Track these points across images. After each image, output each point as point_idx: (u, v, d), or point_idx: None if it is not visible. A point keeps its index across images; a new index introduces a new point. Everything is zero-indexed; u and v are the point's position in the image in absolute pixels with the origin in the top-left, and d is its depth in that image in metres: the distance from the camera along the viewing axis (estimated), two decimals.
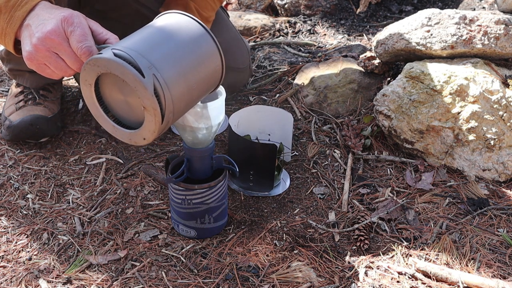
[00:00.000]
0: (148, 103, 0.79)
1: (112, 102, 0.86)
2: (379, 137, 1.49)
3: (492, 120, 1.35)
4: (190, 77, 0.85)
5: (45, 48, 0.87)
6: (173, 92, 0.82)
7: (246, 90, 1.76)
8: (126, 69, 0.77)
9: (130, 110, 0.85)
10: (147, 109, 0.79)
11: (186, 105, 0.88)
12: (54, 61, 0.88)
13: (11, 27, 0.92)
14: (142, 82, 0.77)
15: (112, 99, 0.86)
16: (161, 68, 0.80)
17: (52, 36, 0.86)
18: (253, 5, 2.46)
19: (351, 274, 1.07)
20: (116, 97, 0.85)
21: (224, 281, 1.04)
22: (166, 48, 0.84)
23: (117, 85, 0.83)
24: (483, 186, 1.32)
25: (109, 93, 0.85)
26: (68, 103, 1.68)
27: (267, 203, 1.27)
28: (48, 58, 0.88)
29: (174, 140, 1.51)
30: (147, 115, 0.81)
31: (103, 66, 0.80)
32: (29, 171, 1.37)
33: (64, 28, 0.86)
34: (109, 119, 0.87)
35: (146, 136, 0.83)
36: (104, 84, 0.85)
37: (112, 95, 0.85)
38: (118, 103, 0.86)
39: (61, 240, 1.15)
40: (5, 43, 0.96)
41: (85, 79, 0.84)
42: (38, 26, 0.88)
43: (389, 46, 1.52)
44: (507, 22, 1.43)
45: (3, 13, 0.93)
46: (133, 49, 0.80)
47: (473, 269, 1.08)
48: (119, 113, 0.87)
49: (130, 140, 0.86)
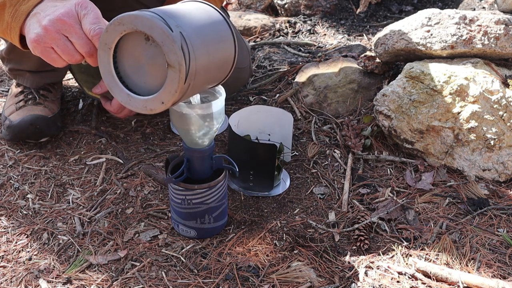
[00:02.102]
0: (173, 58, 0.77)
1: (129, 70, 0.84)
2: (379, 137, 1.49)
3: (492, 120, 1.35)
4: (211, 51, 0.84)
5: (55, 29, 0.86)
6: (197, 55, 0.80)
7: (246, 90, 1.76)
8: (154, 22, 0.76)
9: (148, 77, 0.83)
10: (172, 65, 0.78)
11: (203, 80, 0.87)
12: (62, 44, 0.87)
13: (16, 21, 0.92)
14: (170, 35, 0.76)
15: (129, 66, 0.84)
16: (187, 32, 0.79)
17: (64, 17, 0.86)
18: (253, 5, 2.46)
19: (351, 274, 1.07)
20: (134, 64, 0.83)
21: (224, 281, 1.04)
22: (191, 19, 0.83)
23: (138, 48, 0.81)
24: (483, 186, 1.32)
25: (127, 59, 0.84)
26: (68, 103, 1.68)
27: (267, 203, 1.27)
28: (56, 41, 0.87)
29: (174, 140, 1.51)
30: (170, 73, 0.79)
31: (128, 24, 0.78)
32: (29, 171, 1.37)
33: (77, 11, 0.86)
34: (124, 87, 0.85)
35: (165, 99, 0.81)
36: (123, 51, 0.83)
37: (130, 61, 0.84)
38: (135, 71, 0.84)
39: (61, 240, 1.15)
40: (11, 37, 0.96)
41: (105, 42, 0.82)
42: (50, 10, 0.87)
43: (389, 46, 1.52)
44: (507, 22, 1.43)
45: (7, 7, 0.92)
46: (159, 12, 0.79)
47: (473, 269, 1.08)
48: (135, 82, 0.85)
49: (146, 108, 0.84)
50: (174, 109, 1.00)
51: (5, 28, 0.95)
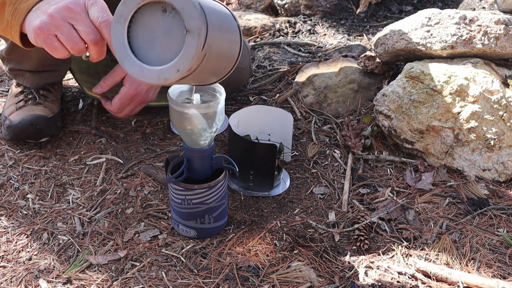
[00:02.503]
0: (193, 23, 0.77)
1: (142, 43, 0.84)
2: (379, 137, 1.49)
3: (492, 120, 1.35)
4: (223, 32, 0.85)
5: (61, 17, 0.86)
6: (213, 27, 0.80)
7: (246, 90, 1.76)
8: None
9: (162, 49, 0.83)
10: (191, 31, 0.78)
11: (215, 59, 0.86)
12: (66, 31, 0.87)
13: (16, 20, 0.92)
14: (191, 1, 0.76)
15: (143, 40, 0.84)
16: (205, 7, 0.79)
17: (71, 5, 0.86)
18: (253, 5, 2.46)
19: (351, 274, 1.07)
20: (148, 36, 0.83)
21: (224, 281, 1.04)
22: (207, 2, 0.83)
23: (153, 20, 0.81)
24: (483, 186, 1.32)
25: (141, 32, 0.84)
26: (68, 103, 1.68)
27: (267, 203, 1.27)
28: (61, 27, 0.87)
29: (174, 140, 1.51)
30: (188, 39, 0.78)
31: None
32: (29, 171, 1.37)
33: (84, 1, 0.87)
34: (136, 59, 0.84)
35: (181, 66, 0.80)
36: (137, 23, 0.83)
37: (144, 34, 0.83)
38: (149, 43, 0.84)
39: (61, 240, 1.15)
40: (11, 35, 0.96)
41: (121, 13, 0.82)
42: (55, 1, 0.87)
43: (389, 46, 1.52)
44: (507, 22, 1.43)
45: (7, 5, 0.92)
46: None
47: (473, 269, 1.08)
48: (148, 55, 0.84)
49: (159, 77, 0.82)
50: (174, 109, 1.00)
51: (6, 26, 0.95)
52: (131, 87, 1.33)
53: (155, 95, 1.40)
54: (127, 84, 1.33)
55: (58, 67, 1.52)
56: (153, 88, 1.38)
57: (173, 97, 1.01)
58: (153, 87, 1.38)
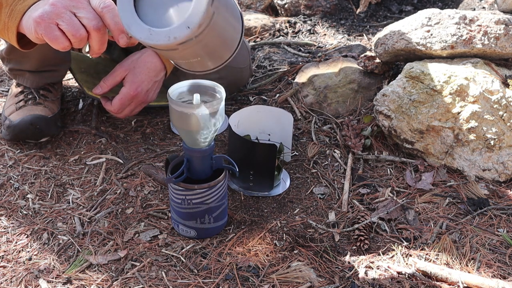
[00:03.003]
0: None
1: (148, 9, 0.83)
2: (379, 137, 1.49)
3: (492, 120, 1.35)
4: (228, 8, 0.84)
5: (62, 5, 0.86)
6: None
7: (246, 90, 1.76)
8: None
9: (169, 13, 0.82)
10: None
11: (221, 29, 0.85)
12: (68, 19, 0.87)
13: (12, 21, 0.92)
14: None
15: (149, 6, 0.83)
16: None
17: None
18: (253, 5, 2.46)
19: (351, 274, 1.07)
20: (154, 2, 0.82)
21: (224, 281, 1.04)
22: None
23: None
24: (483, 186, 1.32)
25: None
26: (68, 103, 1.68)
27: (267, 203, 1.27)
28: (62, 15, 0.86)
29: (174, 140, 1.51)
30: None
31: None
32: (29, 171, 1.37)
33: None
34: (144, 24, 0.83)
35: (191, 22, 0.79)
36: None
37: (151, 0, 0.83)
38: (155, 9, 0.83)
39: (61, 240, 1.15)
40: (8, 37, 0.96)
41: None
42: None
43: (389, 46, 1.52)
44: (507, 22, 1.43)
45: (4, 7, 0.92)
46: None
47: (473, 269, 1.08)
48: (155, 20, 0.83)
49: (169, 38, 0.81)
50: (174, 109, 1.00)
51: (2, 28, 0.95)
52: (131, 87, 1.33)
53: (155, 95, 1.41)
54: (127, 84, 1.33)
55: (58, 67, 1.52)
56: (153, 89, 1.38)
57: (173, 97, 1.01)
58: (153, 87, 1.38)
